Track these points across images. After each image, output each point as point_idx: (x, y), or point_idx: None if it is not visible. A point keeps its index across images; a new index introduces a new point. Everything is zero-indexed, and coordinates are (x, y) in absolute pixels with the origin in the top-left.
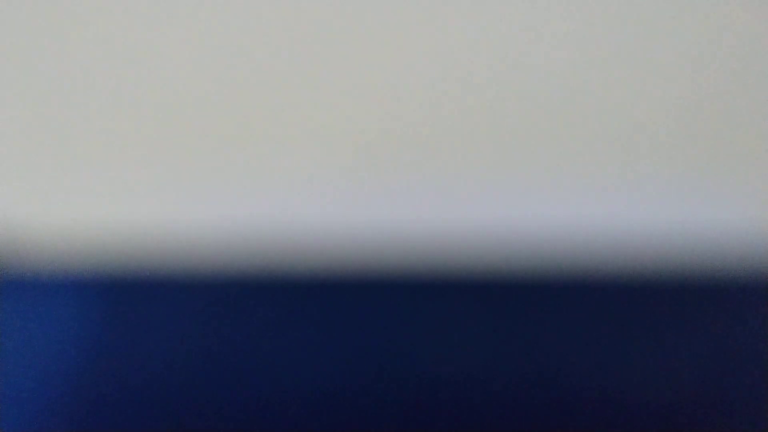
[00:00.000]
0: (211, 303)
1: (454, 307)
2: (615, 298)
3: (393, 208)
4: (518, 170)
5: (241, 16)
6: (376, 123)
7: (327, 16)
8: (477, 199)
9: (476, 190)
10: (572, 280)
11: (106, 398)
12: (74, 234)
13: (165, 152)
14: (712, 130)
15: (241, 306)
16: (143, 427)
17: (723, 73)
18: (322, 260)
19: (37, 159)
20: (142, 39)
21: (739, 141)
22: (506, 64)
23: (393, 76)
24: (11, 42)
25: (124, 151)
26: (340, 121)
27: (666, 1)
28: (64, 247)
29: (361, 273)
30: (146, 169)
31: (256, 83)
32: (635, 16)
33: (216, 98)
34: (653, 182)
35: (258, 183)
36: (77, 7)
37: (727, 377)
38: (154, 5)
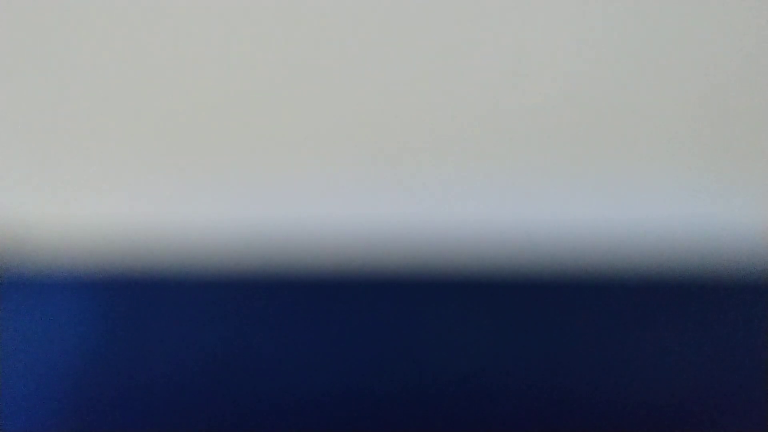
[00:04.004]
0: (212, 303)
1: (457, 306)
2: (615, 298)
3: (396, 208)
4: (523, 170)
5: (244, 14)
6: (379, 122)
7: (331, 15)
8: (482, 199)
9: (481, 189)
10: (573, 279)
11: (106, 398)
12: (74, 234)
13: (166, 152)
14: (712, 128)
15: (241, 306)
16: (143, 427)
17: (724, 72)
18: (323, 260)
19: (37, 159)
20: (142, 38)
21: (739, 140)
22: (511, 62)
23: (394, 75)
24: (11, 42)
25: (124, 151)
26: (342, 121)
27: (669, 1)
28: (64, 247)
29: (363, 273)
30: (147, 169)
31: (256, 82)
32: (639, 15)
33: (217, 98)
34: (653, 182)
35: (259, 183)
36: (78, 6)
37: (727, 377)
38: (155, 4)
